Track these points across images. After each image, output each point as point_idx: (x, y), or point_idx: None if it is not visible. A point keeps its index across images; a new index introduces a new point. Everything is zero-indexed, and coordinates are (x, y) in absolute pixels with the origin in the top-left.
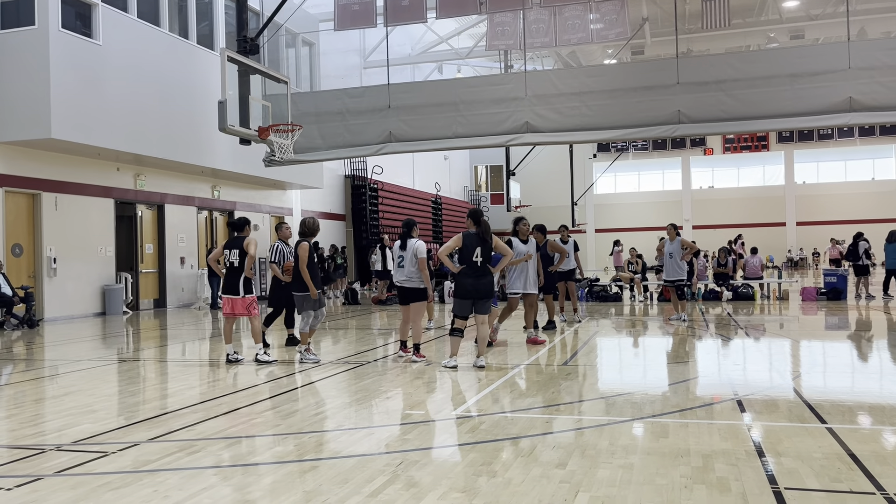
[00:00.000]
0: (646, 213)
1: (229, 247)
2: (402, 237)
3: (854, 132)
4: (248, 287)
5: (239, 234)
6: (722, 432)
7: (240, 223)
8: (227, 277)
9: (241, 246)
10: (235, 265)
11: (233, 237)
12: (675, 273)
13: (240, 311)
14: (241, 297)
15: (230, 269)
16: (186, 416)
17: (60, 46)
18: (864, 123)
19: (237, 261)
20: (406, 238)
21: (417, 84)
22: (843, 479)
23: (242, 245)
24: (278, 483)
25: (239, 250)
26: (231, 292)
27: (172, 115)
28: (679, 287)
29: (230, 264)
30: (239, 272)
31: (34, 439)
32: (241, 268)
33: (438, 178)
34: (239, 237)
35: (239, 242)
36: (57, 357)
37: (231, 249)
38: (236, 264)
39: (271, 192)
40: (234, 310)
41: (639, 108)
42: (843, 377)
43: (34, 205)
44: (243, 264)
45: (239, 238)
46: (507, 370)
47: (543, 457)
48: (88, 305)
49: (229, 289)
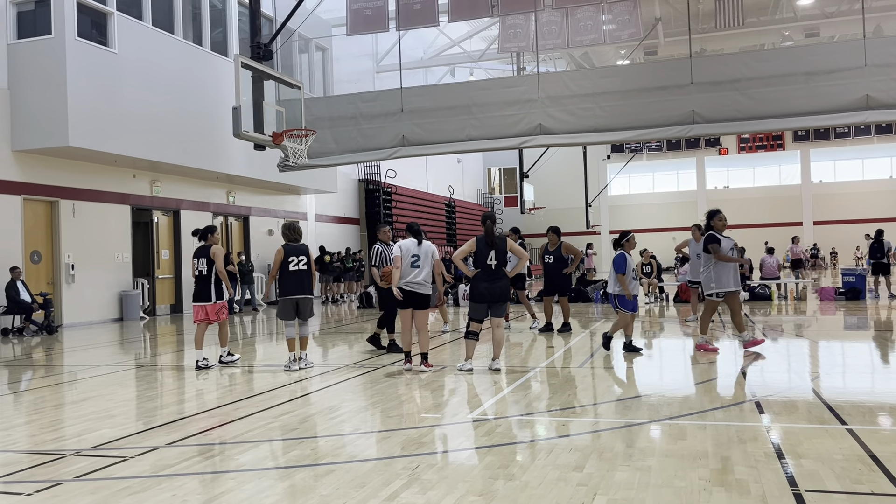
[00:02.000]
0: (661, 214)
1: (197, 255)
2: (415, 235)
3: (871, 130)
4: (220, 293)
5: (205, 242)
6: (741, 434)
7: (204, 231)
8: (197, 285)
9: (209, 255)
10: (204, 273)
11: (199, 246)
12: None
13: (213, 317)
14: (212, 302)
15: (199, 277)
16: (204, 420)
17: (77, 55)
18: (882, 121)
19: (206, 269)
20: (421, 237)
21: (430, 87)
22: (864, 481)
23: (209, 254)
24: (295, 487)
25: (206, 258)
26: (203, 299)
27: (187, 121)
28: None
29: (199, 273)
30: (208, 280)
31: (54, 444)
32: (209, 275)
33: (452, 181)
34: (205, 246)
35: (206, 251)
36: (76, 363)
37: (199, 258)
38: (205, 272)
39: (286, 196)
40: (207, 316)
41: (653, 109)
42: (863, 378)
43: (52, 212)
44: (212, 272)
45: (206, 247)
46: (523, 373)
47: (560, 459)
48: (106, 311)
49: (200, 296)
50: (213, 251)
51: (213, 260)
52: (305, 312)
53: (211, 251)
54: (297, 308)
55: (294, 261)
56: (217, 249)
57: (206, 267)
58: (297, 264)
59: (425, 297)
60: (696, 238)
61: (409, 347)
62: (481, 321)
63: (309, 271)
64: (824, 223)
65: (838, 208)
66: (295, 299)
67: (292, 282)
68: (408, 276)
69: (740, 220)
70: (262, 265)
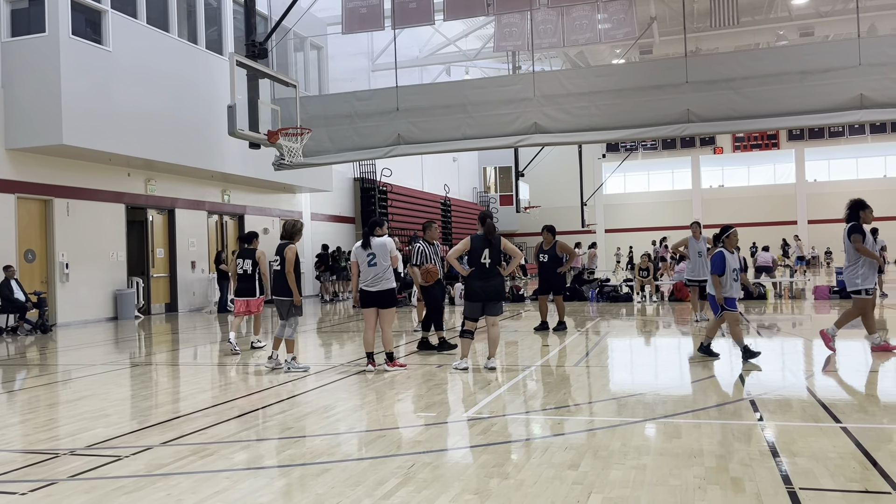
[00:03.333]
0: (656, 213)
1: (242, 257)
2: (365, 235)
3: (865, 129)
4: (262, 289)
5: (248, 245)
6: (735, 432)
7: (248, 237)
8: (242, 283)
9: (254, 257)
10: (249, 272)
11: (244, 249)
12: (704, 272)
13: (253, 310)
14: (256, 297)
15: (243, 275)
16: (199, 419)
17: (71, 53)
18: (876, 120)
19: (250, 269)
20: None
21: (425, 86)
22: (858, 479)
23: (254, 256)
24: (290, 486)
25: (252, 260)
26: (248, 294)
27: (182, 119)
28: (704, 287)
29: (243, 272)
30: (252, 278)
31: (48, 444)
32: (254, 274)
33: (447, 179)
34: (251, 249)
35: (251, 254)
36: (70, 362)
37: (244, 259)
38: (249, 271)
39: (281, 195)
40: (248, 308)
41: (648, 108)
42: (857, 376)
43: (46, 211)
44: (255, 271)
45: (251, 250)
46: (519, 371)
47: (556, 458)
48: (101, 310)
49: (245, 292)
50: (258, 255)
51: (258, 262)
52: (281, 313)
53: (256, 254)
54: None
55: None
56: (261, 253)
57: (251, 267)
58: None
59: (389, 294)
60: (696, 236)
61: (372, 349)
62: (476, 320)
63: (282, 272)
64: (819, 222)
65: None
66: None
67: (272, 283)
68: (367, 276)
69: (735, 219)
70: None
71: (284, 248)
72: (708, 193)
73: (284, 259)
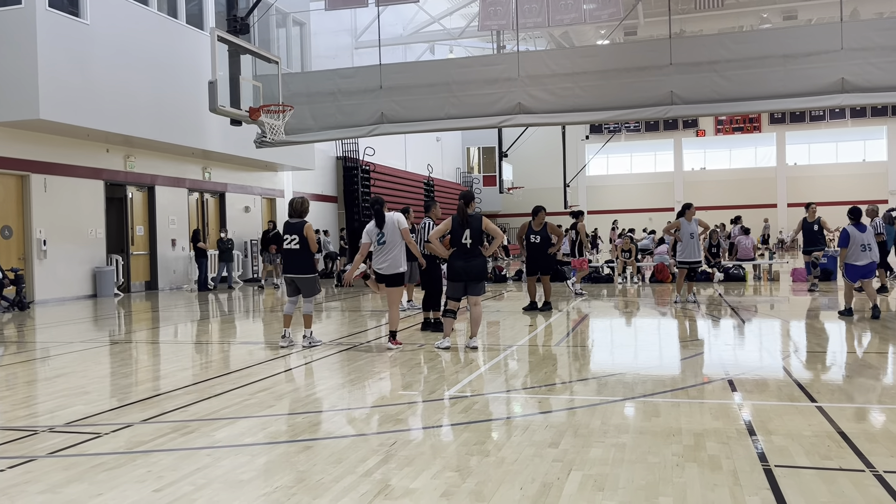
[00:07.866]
0: (638, 195)
1: (288, 232)
2: (378, 213)
3: (846, 113)
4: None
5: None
6: (713, 411)
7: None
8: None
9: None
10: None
11: (288, 222)
12: (697, 254)
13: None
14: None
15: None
16: (179, 397)
17: (47, 26)
18: (856, 104)
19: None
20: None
21: (409, 64)
22: (832, 457)
23: (303, 231)
24: (272, 463)
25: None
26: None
27: (162, 95)
28: (694, 269)
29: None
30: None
31: (26, 421)
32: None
33: (431, 159)
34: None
35: (299, 228)
36: (48, 339)
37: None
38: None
39: (262, 173)
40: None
41: (632, 89)
42: (833, 356)
43: (23, 186)
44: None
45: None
46: (501, 351)
47: (536, 436)
48: (79, 287)
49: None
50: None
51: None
52: (304, 291)
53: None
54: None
55: (287, 239)
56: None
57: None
58: (289, 243)
59: (397, 274)
60: (688, 217)
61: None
62: (459, 300)
63: (302, 250)
64: (798, 205)
65: (812, 190)
66: (290, 278)
67: (284, 260)
68: (378, 255)
69: (716, 201)
70: (240, 242)
71: (303, 227)
72: (690, 176)
73: (306, 238)
